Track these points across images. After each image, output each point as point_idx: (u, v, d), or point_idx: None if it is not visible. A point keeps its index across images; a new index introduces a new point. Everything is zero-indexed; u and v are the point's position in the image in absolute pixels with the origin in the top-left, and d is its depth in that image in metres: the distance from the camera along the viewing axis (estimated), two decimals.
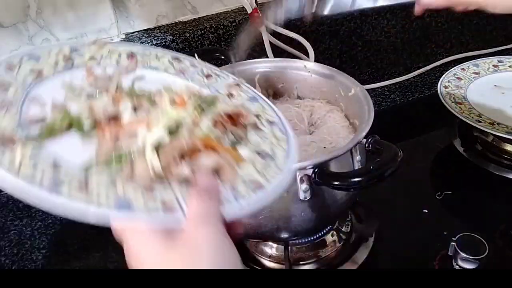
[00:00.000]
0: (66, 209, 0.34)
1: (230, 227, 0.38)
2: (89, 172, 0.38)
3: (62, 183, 0.36)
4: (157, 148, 0.40)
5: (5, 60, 0.46)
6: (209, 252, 0.35)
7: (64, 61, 0.50)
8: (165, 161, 0.40)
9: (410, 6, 1.09)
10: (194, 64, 0.59)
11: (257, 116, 0.51)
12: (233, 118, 0.47)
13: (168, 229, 0.35)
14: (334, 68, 0.77)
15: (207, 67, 0.59)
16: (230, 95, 0.54)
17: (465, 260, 0.67)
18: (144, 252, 0.36)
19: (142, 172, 0.39)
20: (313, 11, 0.63)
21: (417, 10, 0.65)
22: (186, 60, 0.59)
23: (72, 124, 0.42)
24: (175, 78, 0.55)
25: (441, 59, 1.18)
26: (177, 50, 0.93)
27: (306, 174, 0.58)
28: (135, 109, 0.45)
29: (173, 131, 0.42)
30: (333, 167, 0.61)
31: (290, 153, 0.47)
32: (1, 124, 0.39)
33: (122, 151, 0.40)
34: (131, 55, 0.56)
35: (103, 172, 0.38)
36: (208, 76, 0.57)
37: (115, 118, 0.44)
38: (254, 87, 0.80)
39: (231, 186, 0.40)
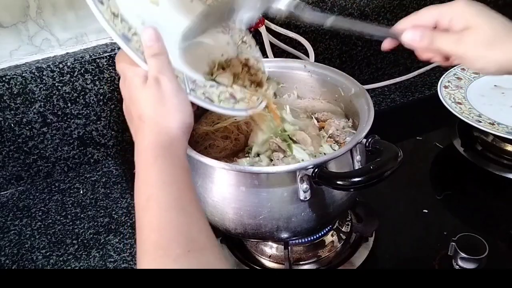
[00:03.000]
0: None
1: None
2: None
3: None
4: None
5: None
6: (172, 90, 0.52)
7: None
8: None
9: (409, 6, 1.09)
10: (241, 28, 0.71)
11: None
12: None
13: (146, 75, 0.52)
14: (334, 68, 0.77)
15: (250, 38, 0.73)
16: (246, 61, 0.69)
17: (465, 260, 0.67)
18: (132, 84, 0.53)
19: None
20: None
21: (386, 46, 0.59)
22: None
23: None
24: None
25: None
26: None
27: (306, 174, 0.58)
28: None
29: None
30: (333, 167, 0.61)
31: (245, 110, 0.63)
32: None
33: None
34: None
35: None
36: (244, 42, 0.71)
37: None
38: None
39: (195, 85, 0.58)
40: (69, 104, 0.89)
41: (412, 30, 0.54)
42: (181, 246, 0.44)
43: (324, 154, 0.68)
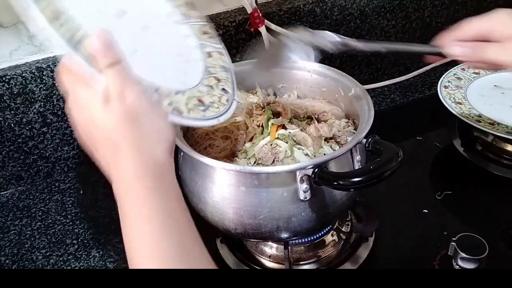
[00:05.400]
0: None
1: None
2: None
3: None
4: None
5: None
6: (144, 107, 0.45)
7: None
8: None
9: (409, 6, 1.09)
10: (202, 17, 0.66)
11: (218, 80, 0.60)
12: None
13: (105, 91, 0.44)
14: (334, 68, 0.77)
15: (211, 27, 0.66)
16: (209, 55, 0.63)
17: (465, 260, 0.67)
18: (91, 106, 0.44)
19: None
20: None
21: (431, 60, 0.63)
22: (194, 12, 0.67)
23: None
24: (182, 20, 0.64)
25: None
26: None
27: (306, 174, 0.58)
28: None
29: None
30: (333, 167, 0.61)
31: (217, 118, 0.56)
32: None
33: None
34: None
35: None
36: (205, 33, 0.65)
37: None
38: (254, 87, 0.81)
39: (159, 95, 0.50)
40: None
41: (460, 45, 0.57)
42: None
43: (324, 154, 0.68)
